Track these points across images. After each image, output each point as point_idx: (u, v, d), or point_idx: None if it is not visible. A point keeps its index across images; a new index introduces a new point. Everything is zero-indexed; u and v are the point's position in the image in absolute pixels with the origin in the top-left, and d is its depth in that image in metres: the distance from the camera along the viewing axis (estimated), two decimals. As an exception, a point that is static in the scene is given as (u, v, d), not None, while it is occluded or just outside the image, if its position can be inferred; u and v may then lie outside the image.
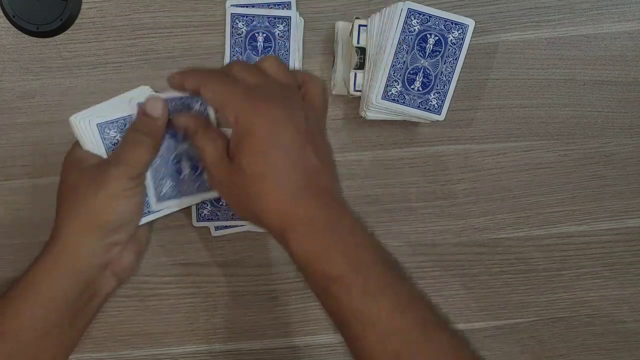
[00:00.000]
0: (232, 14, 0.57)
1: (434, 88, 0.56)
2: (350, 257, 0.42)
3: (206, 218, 0.60)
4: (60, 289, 0.48)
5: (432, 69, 0.55)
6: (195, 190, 0.54)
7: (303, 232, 0.42)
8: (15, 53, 0.58)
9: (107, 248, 0.48)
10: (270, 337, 0.64)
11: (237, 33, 0.57)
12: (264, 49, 0.58)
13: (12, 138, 0.59)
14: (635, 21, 0.60)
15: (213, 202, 0.59)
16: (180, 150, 0.51)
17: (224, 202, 0.59)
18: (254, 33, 0.58)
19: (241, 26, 0.57)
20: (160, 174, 0.51)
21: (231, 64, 0.47)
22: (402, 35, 0.55)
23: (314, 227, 0.42)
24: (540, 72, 0.60)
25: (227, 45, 0.58)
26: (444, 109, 0.56)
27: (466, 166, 0.62)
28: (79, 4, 0.58)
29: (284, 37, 0.57)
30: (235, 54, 0.58)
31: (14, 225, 0.60)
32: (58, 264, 0.48)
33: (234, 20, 0.57)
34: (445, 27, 0.55)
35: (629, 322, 0.65)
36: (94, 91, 0.59)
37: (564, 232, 0.63)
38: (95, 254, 0.48)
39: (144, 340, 0.62)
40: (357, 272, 0.42)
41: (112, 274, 0.51)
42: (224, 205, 0.59)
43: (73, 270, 0.48)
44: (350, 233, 0.43)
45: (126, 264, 0.52)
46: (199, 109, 0.50)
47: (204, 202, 0.59)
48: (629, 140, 0.62)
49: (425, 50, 0.55)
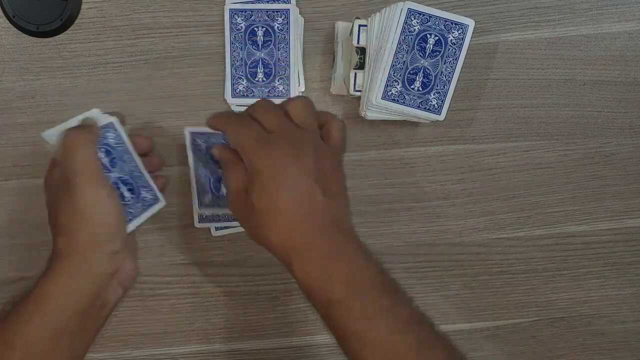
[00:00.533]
0: (231, 9, 0.57)
1: (434, 88, 0.56)
2: (349, 283, 0.46)
3: (208, 220, 0.60)
4: (72, 301, 0.49)
5: (432, 69, 0.55)
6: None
7: (304, 260, 0.47)
8: (15, 53, 0.58)
9: (111, 257, 0.50)
10: (270, 337, 0.64)
11: (237, 29, 0.57)
12: (264, 43, 0.58)
13: (12, 138, 0.60)
14: (635, 21, 0.60)
15: (214, 197, 0.59)
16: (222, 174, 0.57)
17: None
18: (253, 27, 0.58)
19: (240, 21, 0.57)
20: (202, 188, 0.58)
21: (256, 104, 0.50)
22: (402, 35, 0.55)
23: (315, 255, 0.46)
24: (540, 72, 0.60)
25: (227, 41, 0.58)
26: (444, 109, 0.56)
27: (466, 166, 0.62)
28: (79, 4, 0.58)
29: (283, 29, 0.58)
30: (236, 50, 0.58)
31: (14, 225, 0.60)
32: (69, 279, 0.49)
33: (233, 16, 0.57)
34: (445, 27, 0.55)
35: (629, 322, 0.65)
36: (94, 91, 0.59)
37: (564, 232, 0.63)
38: (102, 264, 0.50)
39: (144, 340, 0.63)
40: (355, 297, 0.45)
41: (118, 283, 0.52)
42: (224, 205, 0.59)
43: (83, 283, 0.49)
44: (351, 261, 0.47)
45: (129, 272, 0.53)
46: None
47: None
48: (629, 140, 0.62)
49: (425, 50, 0.55)
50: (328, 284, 0.46)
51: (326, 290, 0.46)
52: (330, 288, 0.46)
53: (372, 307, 0.45)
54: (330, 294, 0.46)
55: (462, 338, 0.64)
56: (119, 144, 0.52)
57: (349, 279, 0.46)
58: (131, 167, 0.53)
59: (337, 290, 0.46)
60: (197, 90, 0.60)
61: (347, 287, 0.46)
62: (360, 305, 0.45)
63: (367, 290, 0.46)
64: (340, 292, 0.45)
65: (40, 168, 0.60)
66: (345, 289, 0.46)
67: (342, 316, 0.45)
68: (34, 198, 0.60)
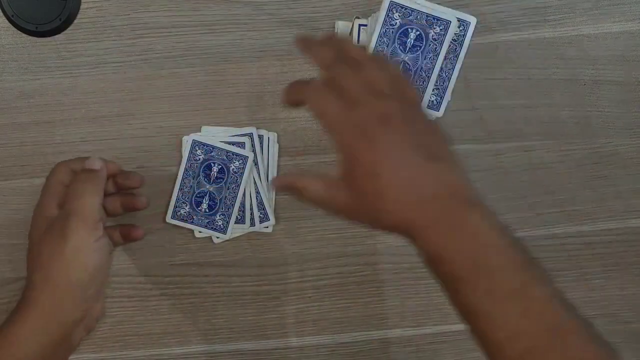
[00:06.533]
0: (194, 140, 0.58)
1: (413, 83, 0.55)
2: (474, 260, 0.42)
3: (181, 218, 0.61)
4: (38, 346, 0.49)
5: (412, 64, 0.55)
6: None
7: (426, 235, 0.43)
8: (14, 53, 0.58)
9: (83, 303, 0.50)
10: (270, 337, 0.63)
11: (194, 159, 0.59)
12: (217, 179, 0.59)
13: (12, 138, 0.60)
14: (636, 21, 0.60)
15: (191, 211, 0.60)
16: (211, 190, 0.59)
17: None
18: (209, 162, 0.59)
19: (199, 154, 0.58)
20: (183, 198, 0.59)
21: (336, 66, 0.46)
22: (383, 28, 0.54)
23: (437, 231, 0.43)
24: (541, 72, 0.60)
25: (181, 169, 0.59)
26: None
27: (466, 166, 0.61)
28: (78, 4, 0.58)
29: (237, 172, 0.59)
30: (188, 178, 0.59)
31: (14, 225, 0.60)
32: (36, 322, 0.49)
33: (194, 147, 0.58)
34: (427, 22, 0.54)
35: (630, 322, 0.65)
36: (94, 91, 0.59)
37: (565, 232, 0.63)
38: (72, 311, 0.50)
39: (144, 340, 0.62)
40: (482, 277, 0.42)
41: (84, 327, 0.53)
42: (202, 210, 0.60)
43: (50, 329, 0.49)
44: (476, 235, 0.43)
45: (97, 313, 0.54)
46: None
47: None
48: (629, 140, 0.62)
49: (405, 45, 0.54)
50: (451, 260, 0.42)
51: (449, 266, 0.42)
52: (453, 265, 0.42)
53: (500, 288, 0.41)
54: (454, 270, 0.42)
55: (462, 338, 0.64)
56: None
57: (475, 256, 0.42)
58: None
59: (461, 268, 0.42)
60: (197, 90, 0.60)
61: (472, 265, 0.42)
62: (488, 285, 0.41)
63: (496, 268, 0.42)
64: (466, 271, 0.42)
65: (40, 168, 0.60)
66: (471, 268, 0.42)
67: (468, 293, 0.42)
68: (33, 198, 0.60)
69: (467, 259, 0.42)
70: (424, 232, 0.43)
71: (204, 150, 0.58)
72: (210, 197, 0.59)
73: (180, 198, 0.59)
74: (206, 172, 0.59)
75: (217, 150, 0.58)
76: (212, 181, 0.59)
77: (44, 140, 0.60)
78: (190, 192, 0.59)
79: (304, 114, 0.60)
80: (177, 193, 0.59)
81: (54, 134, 0.59)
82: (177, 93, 0.60)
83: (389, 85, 0.46)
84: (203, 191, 0.59)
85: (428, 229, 0.43)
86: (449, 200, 0.43)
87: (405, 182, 0.43)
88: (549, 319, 0.41)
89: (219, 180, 0.59)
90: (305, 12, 0.58)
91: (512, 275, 0.42)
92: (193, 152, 0.58)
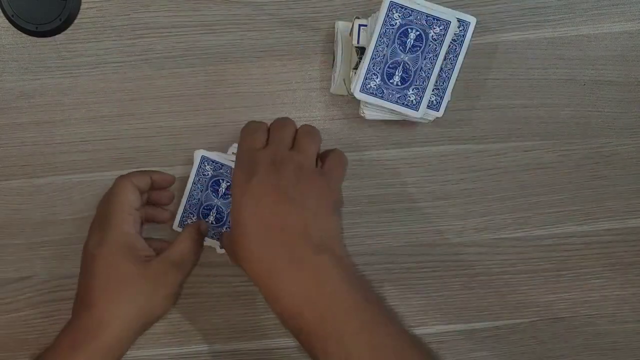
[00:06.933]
0: (203, 156, 0.58)
1: (413, 84, 0.55)
2: (321, 313, 0.46)
3: None
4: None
5: (411, 64, 0.55)
6: None
7: (272, 286, 0.48)
8: (14, 53, 0.58)
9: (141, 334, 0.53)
10: (270, 337, 0.64)
11: (203, 174, 0.59)
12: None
13: (12, 138, 0.60)
14: (635, 21, 0.60)
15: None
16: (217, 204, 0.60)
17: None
18: (218, 179, 0.59)
19: (208, 169, 0.58)
20: (190, 210, 0.60)
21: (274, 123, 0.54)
22: (383, 28, 0.54)
23: (282, 280, 0.48)
24: (540, 72, 0.60)
25: (190, 181, 0.59)
26: (422, 106, 0.55)
27: (466, 166, 0.62)
28: (78, 4, 0.58)
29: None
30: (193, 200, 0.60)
31: (14, 225, 0.60)
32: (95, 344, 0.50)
33: (203, 162, 0.58)
34: (427, 22, 0.54)
35: (629, 322, 0.65)
36: (94, 91, 0.59)
37: (564, 232, 0.63)
38: (132, 341, 0.52)
39: (144, 340, 0.62)
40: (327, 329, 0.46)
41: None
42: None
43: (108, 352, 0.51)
44: (322, 284, 0.47)
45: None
46: None
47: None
48: (629, 140, 0.62)
49: (405, 45, 0.55)
50: (298, 314, 0.46)
51: (296, 319, 0.47)
52: (299, 319, 0.46)
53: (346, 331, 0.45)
54: (302, 323, 0.46)
55: (462, 338, 0.64)
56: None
57: (322, 312, 0.46)
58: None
59: (306, 321, 0.46)
60: (197, 90, 0.60)
61: (318, 316, 0.46)
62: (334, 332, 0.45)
63: (340, 317, 0.46)
64: (311, 324, 0.46)
65: (40, 168, 0.60)
66: (316, 319, 0.46)
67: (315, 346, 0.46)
68: (33, 198, 0.60)
69: (313, 315, 0.46)
70: (272, 281, 0.48)
71: (213, 166, 0.59)
72: None
73: (188, 209, 0.59)
74: (215, 187, 0.59)
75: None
76: None
77: (44, 140, 0.60)
78: (197, 204, 0.59)
79: (304, 114, 0.60)
80: (185, 204, 0.59)
81: (54, 134, 0.59)
82: (177, 93, 0.60)
83: (307, 146, 0.51)
84: (210, 204, 0.59)
85: (277, 278, 0.47)
86: (309, 266, 0.47)
87: (258, 229, 0.48)
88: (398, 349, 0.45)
89: None
90: (305, 12, 0.58)
91: (358, 324, 0.46)
92: (202, 166, 0.59)
